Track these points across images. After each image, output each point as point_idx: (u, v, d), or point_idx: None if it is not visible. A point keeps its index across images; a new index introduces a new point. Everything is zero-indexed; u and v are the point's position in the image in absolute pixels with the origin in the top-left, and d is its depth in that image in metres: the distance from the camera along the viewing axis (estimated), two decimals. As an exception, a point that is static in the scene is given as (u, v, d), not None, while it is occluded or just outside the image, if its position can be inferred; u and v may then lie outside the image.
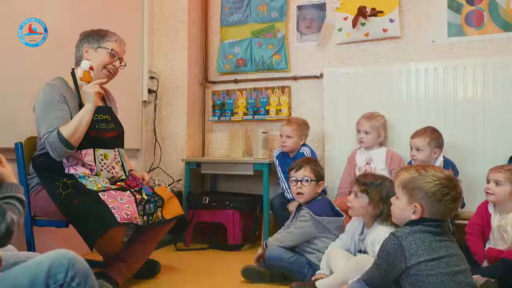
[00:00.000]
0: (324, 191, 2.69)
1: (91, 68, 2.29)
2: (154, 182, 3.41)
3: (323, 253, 2.31)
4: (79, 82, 2.37)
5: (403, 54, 3.29)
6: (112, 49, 2.39)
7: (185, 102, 3.69)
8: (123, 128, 2.54)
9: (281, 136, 3.21)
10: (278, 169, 3.24)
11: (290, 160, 3.18)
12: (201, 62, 3.86)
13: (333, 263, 2.15)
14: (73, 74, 2.40)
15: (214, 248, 3.25)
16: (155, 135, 3.70)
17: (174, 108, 3.71)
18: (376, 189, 2.10)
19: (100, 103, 2.39)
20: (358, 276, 1.75)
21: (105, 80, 2.38)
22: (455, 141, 2.97)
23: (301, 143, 3.20)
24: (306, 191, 2.44)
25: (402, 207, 1.57)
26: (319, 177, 2.48)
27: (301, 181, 2.44)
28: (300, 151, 3.17)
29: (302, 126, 3.21)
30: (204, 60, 3.87)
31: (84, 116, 2.23)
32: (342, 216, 2.45)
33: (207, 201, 3.32)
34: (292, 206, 2.99)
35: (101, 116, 2.38)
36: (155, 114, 3.71)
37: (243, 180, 3.68)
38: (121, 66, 2.47)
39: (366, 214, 2.13)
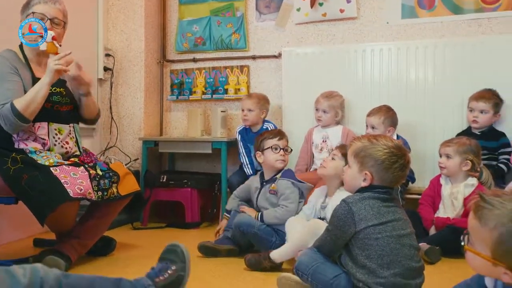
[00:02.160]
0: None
1: (53, 38, 2.18)
2: (110, 161, 3.34)
3: None
4: (29, 55, 2.29)
5: (359, 34, 3.35)
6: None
7: (142, 80, 3.62)
8: (77, 103, 2.47)
9: (243, 110, 3.22)
10: (240, 144, 3.25)
11: (252, 135, 3.18)
12: (159, 40, 3.79)
13: (289, 231, 2.20)
14: (21, 48, 2.31)
15: (172, 226, 3.23)
16: (111, 114, 3.62)
17: (131, 87, 3.64)
18: None
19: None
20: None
21: (72, 57, 2.19)
22: (407, 119, 3.07)
23: (262, 116, 3.22)
24: (287, 159, 2.60)
25: (353, 175, 1.62)
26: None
27: (283, 149, 2.57)
28: (264, 127, 3.19)
29: (263, 100, 3.24)
30: (162, 38, 3.80)
31: (40, 89, 2.13)
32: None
33: (164, 180, 3.29)
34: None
35: (55, 89, 2.30)
36: (111, 93, 3.62)
37: (201, 159, 3.67)
38: (55, 27, 2.26)
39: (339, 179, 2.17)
